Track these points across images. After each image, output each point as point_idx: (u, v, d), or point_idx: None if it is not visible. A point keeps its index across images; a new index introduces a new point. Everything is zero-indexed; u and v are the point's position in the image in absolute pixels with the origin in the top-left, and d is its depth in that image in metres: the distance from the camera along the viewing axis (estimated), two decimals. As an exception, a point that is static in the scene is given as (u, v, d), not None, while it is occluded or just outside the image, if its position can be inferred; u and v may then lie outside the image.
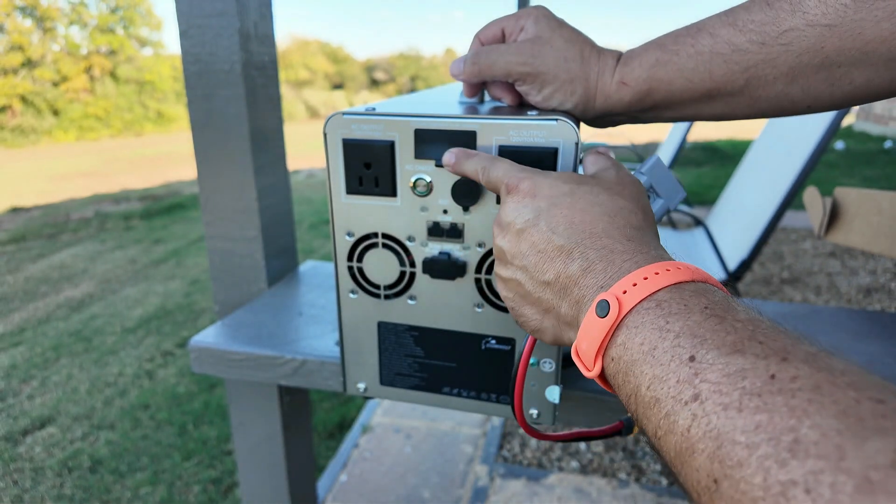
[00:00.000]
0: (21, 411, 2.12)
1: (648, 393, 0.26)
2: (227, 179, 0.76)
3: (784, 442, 0.20)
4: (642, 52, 0.46)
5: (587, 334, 0.31)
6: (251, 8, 0.72)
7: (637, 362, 0.28)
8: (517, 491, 1.58)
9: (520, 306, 0.39)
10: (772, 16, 0.41)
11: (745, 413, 0.21)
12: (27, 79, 14.24)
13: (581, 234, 0.34)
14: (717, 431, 0.22)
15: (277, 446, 0.79)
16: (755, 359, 0.23)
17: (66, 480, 1.74)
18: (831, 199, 0.75)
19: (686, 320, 0.27)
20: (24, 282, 3.49)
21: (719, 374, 0.23)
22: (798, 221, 3.81)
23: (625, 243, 0.33)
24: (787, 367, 0.22)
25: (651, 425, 0.26)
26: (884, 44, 0.38)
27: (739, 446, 0.21)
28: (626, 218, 0.35)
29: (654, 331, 0.27)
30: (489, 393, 0.53)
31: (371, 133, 0.47)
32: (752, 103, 0.45)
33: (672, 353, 0.26)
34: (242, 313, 0.74)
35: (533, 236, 0.36)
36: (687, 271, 0.30)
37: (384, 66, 27.20)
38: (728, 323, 0.26)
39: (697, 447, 0.23)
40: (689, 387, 0.24)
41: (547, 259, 0.35)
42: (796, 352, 0.23)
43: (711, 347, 0.25)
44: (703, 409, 0.23)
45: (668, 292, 0.29)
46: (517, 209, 0.38)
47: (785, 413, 0.20)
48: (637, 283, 0.29)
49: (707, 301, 0.28)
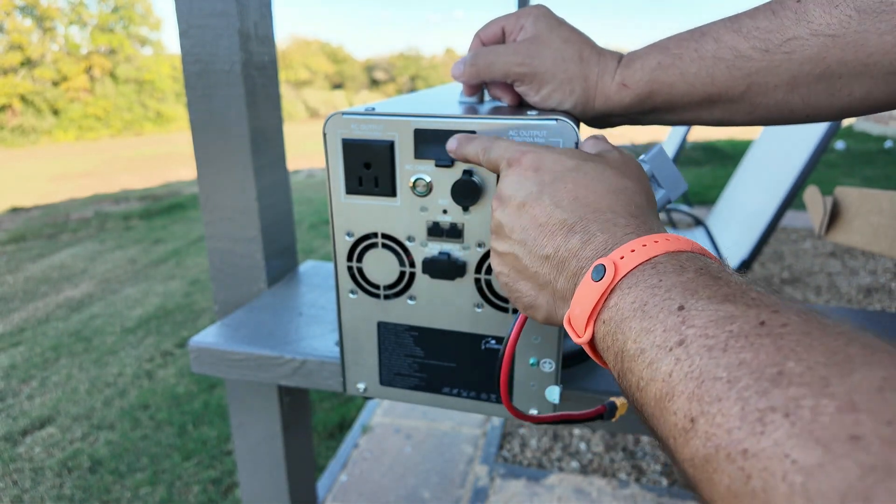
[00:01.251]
0: (21, 411, 2.12)
1: (634, 346, 0.26)
2: (226, 179, 0.76)
3: (767, 374, 0.19)
4: (644, 55, 0.46)
5: (581, 299, 0.31)
6: (251, 8, 0.72)
7: (626, 319, 0.27)
8: (517, 491, 1.58)
9: (514, 281, 0.38)
10: (776, 24, 0.41)
11: (730, 352, 0.21)
12: (27, 78, 14.24)
13: (585, 209, 0.34)
14: (698, 371, 0.21)
15: (277, 446, 0.79)
16: (745, 308, 0.23)
17: (66, 481, 1.74)
18: (832, 198, 0.75)
19: (679, 277, 0.27)
20: (24, 282, 3.49)
21: (706, 320, 0.23)
22: (798, 221, 3.81)
23: (627, 218, 0.33)
24: (778, 317, 0.22)
25: (634, 378, 0.26)
26: (886, 56, 0.39)
27: (720, 381, 0.20)
28: (631, 197, 0.35)
29: (647, 289, 0.27)
30: (489, 393, 0.53)
31: (371, 133, 0.47)
32: (751, 110, 0.45)
33: (661, 306, 0.25)
34: (242, 313, 0.74)
35: (534, 210, 0.35)
36: (686, 243, 0.30)
37: (384, 66, 27.21)
38: (723, 281, 0.26)
39: (677, 389, 0.22)
40: (675, 333, 0.24)
41: (547, 233, 0.35)
42: (789, 307, 0.23)
43: (702, 297, 0.24)
44: (686, 352, 0.22)
45: (664, 257, 0.29)
46: (519, 182, 0.37)
47: (772, 351, 0.20)
48: (635, 250, 0.29)
49: (702, 264, 0.28)
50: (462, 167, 0.46)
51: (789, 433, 0.17)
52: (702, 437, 0.20)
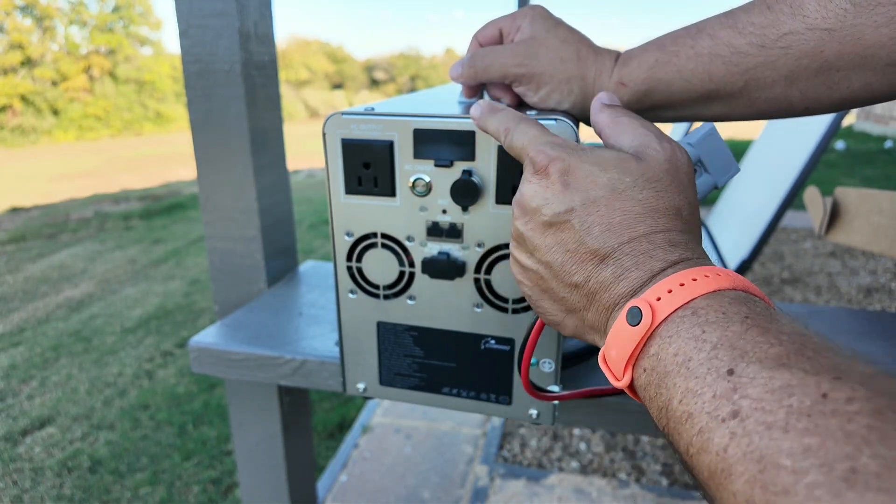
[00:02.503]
0: (20, 411, 2.12)
1: (681, 407, 0.24)
2: (226, 179, 0.76)
3: (838, 470, 0.17)
4: (641, 53, 0.46)
5: (617, 342, 0.29)
6: (251, 8, 0.72)
7: (670, 374, 0.25)
8: (517, 491, 1.58)
9: (539, 299, 0.36)
10: (772, 19, 0.41)
11: (793, 434, 0.19)
12: (27, 78, 14.24)
13: (619, 238, 0.31)
14: (759, 453, 0.20)
15: (277, 446, 0.79)
16: (803, 374, 0.21)
17: (66, 481, 1.74)
18: (832, 198, 0.75)
19: (724, 330, 0.24)
20: (24, 282, 3.49)
21: (762, 390, 0.21)
22: (798, 221, 3.81)
23: (666, 249, 0.30)
24: (842, 387, 0.20)
25: (683, 442, 0.24)
26: (883, 49, 0.38)
27: (785, 471, 0.19)
28: (672, 220, 0.31)
29: (690, 340, 0.25)
30: (488, 393, 0.53)
31: (370, 133, 0.47)
32: (750, 105, 0.45)
33: (709, 366, 0.24)
34: (242, 313, 0.74)
35: (562, 233, 0.32)
36: (727, 278, 0.27)
37: (384, 66, 27.21)
38: (772, 334, 0.23)
39: (735, 469, 0.20)
40: (728, 402, 0.22)
41: (576, 261, 0.32)
42: (851, 371, 0.21)
43: (753, 360, 0.22)
44: (743, 427, 0.21)
45: (705, 299, 0.26)
46: (545, 196, 0.33)
47: (840, 438, 0.18)
48: (672, 290, 0.27)
49: (748, 310, 0.25)
50: (461, 167, 0.45)
51: None
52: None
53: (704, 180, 0.40)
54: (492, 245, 0.47)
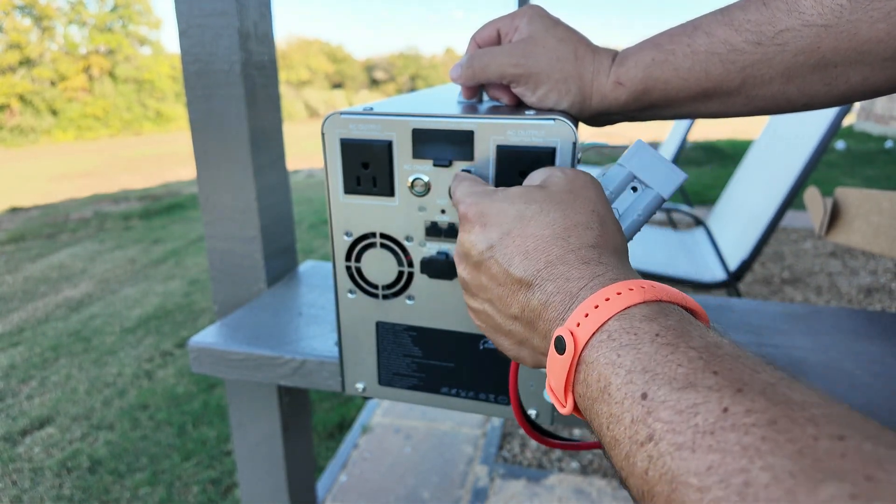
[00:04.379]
0: (20, 411, 2.12)
1: (609, 433, 0.25)
2: (226, 179, 0.76)
3: (734, 485, 0.19)
4: (638, 52, 0.46)
5: (552, 372, 0.30)
6: (251, 7, 0.72)
7: (596, 400, 0.26)
8: (517, 491, 1.58)
9: (495, 337, 0.37)
10: (768, 15, 0.41)
11: (698, 453, 0.20)
12: (26, 78, 14.23)
13: (537, 264, 0.32)
14: (671, 474, 0.21)
15: (277, 446, 0.79)
16: (708, 392, 0.22)
17: (65, 481, 1.74)
18: (832, 199, 0.75)
19: (637, 352, 0.25)
20: (23, 282, 3.48)
21: (671, 412, 0.22)
22: (799, 221, 3.81)
23: (580, 268, 0.31)
24: (742, 400, 0.21)
25: (616, 465, 0.25)
26: (880, 44, 0.38)
27: (692, 489, 0.20)
28: (581, 236, 0.33)
29: (608, 366, 0.26)
30: (487, 393, 0.53)
31: (369, 133, 0.46)
32: (748, 102, 0.45)
33: (625, 391, 0.25)
34: (242, 313, 0.74)
35: (490, 269, 0.34)
36: (639, 292, 0.28)
37: (384, 66, 27.21)
38: (681, 352, 0.24)
39: (655, 490, 0.22)
40: (644, 426, 0.23)
41: (509, 293, 0.34)
42: (753, 382, 0.22)
43: (663, 383, 0.23)
44: (657, 450, 0.22)
45: (617, 320, 0.27)
46: (470, 240, 0.36)
47: (737, 452, 0.19)
48: (588, 314, 0.28)
49: (658, 327, 0.26)
50: (460, 167, 0.45)
51: None
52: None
53: (647, 194, 0.40)
54: (491, 245, 0.47)
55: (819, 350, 0.63)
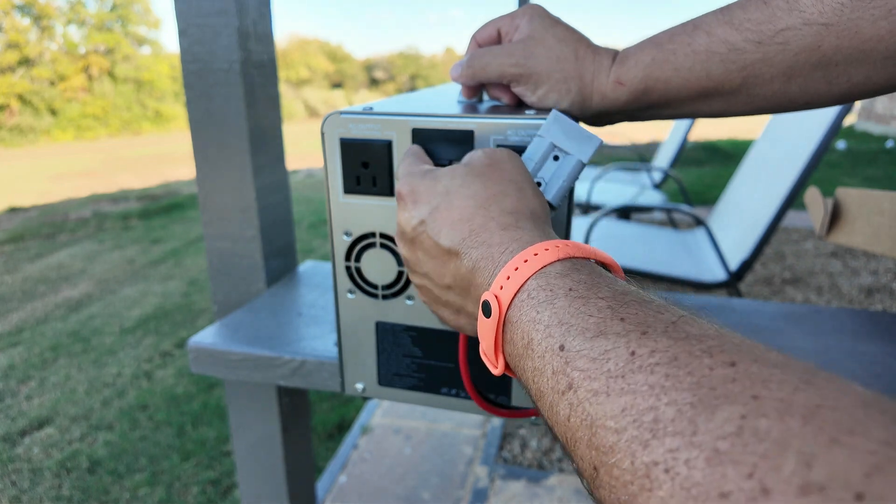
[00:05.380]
0: (19, 412, 2.12)
1: (534, 386, 0.27)
2: (225, 179, 0.76)
3: (645, 423, 0.20)
4: (638, 51, 0.45)
5: (483, 335, 0.31)
6: (250, 7, 0.71)
7: (522, 357, 0.28)
8: (517, 492, 1.58)
9: (435, 308, 0.39)
10: (768, 14, 0.41)
11: (612, 397, 0.22)
12: (25, 78, 14.23)
13: (462, 233, 0.34)
14: (590, 419, 0.22)
15: (276, 447, 0.78)
16: (616, 338, 0.23)
17: (65, 481, 1.74)
18: (832, 199, 0.74)
19: (553, 307, 0.27)
20: (22, 282, 3.48)
21: (586, 360, 0.23)
22: (799, 221, 3.81)
23: (500, 234, 0.33)
24: (647, 342, 0.22)
25: (544, 416, 0.26)
26: (881, 42, 0.38)
27: (610, 431, 0.21)
28: (500, 204, 0.35)
29: (529, 323, 0.28)
30: (487, 393, 0.52)
31: (368, 132, 0.46)
32: (749, 101, 0.45)
33: (545, 345, 0.26)
34: (241, 313, 0.74)
35: (424, 243, 0.36)
36: (553, 251, 0.30)
37: (384, 65, 27.21)
38: (591, 303, 0.26)
39: (577, 436, 0.23)
40: (564, 376, 0.24)
41: (441, 264, 0.35)
42: (657, 324, 0.23)
43: (577, 333, 0.25)
44: (577, 397, 0.23)
45: (535, 279, 0.29)
46: (404, 217, 0.38)
47: (645, 392, 0.20)
48: (510, 276, 0.29)
49: (571, 282, 0.28)
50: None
51: (672, 491, 0.18)
52: (606, 487, 0.21)
53: (568, 161, 0.41)
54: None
55: (820, 350, 0.63)
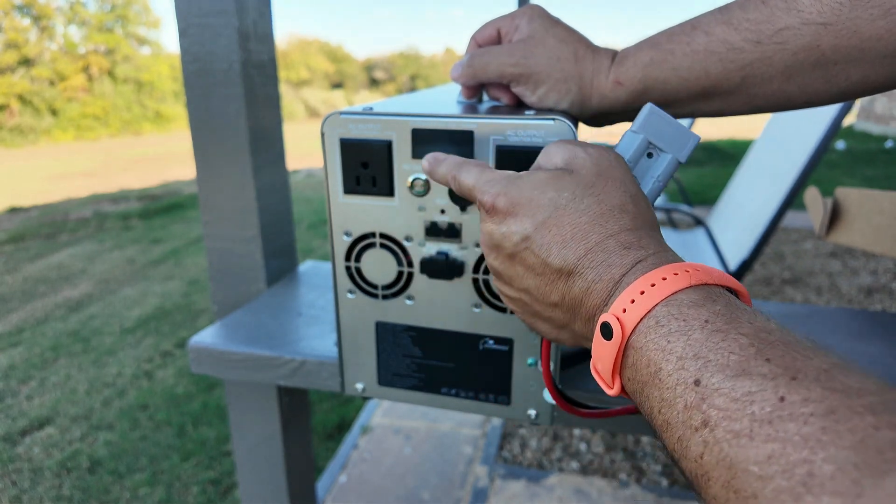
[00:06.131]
0: (20, 412, 2.12)
1: (660, 416, 0.26)
2: (226, 179, 0.76)
3: (798, 475, 0.19)
4: (637, 51, 0.46)
5: (599, 357, 0.30)
6: (250, 7, 0.72)
7: (647, 384, 0.27)
8: (517, 492, 1.58)
9: (533, 322, 0.37)
10: (767, 14, 0.41)
11: (757, 441, 0.21)
12: (25, 78, 14.23)
13: (576, 253, 0.32)
14: (729, 461, 0.21)
15: (276, 447, 0.79)
16: (762, 380, 0.22)
17: (65, 481, 1.74)
18: (832, 199, 0.74)
19: (687, 339, 0.26)
20: (23, 282, 3.48)
21: (726, 399, 0.22)
22: (799, 221, 3.81)
23: (621, 254, 0.31)
24: (798, 388, 0.21)
25: (669, 446, 0.26)
26: (880, 41, 0.38)
27: (753, 477, 0.20)
28: (618, 220, 0.33)
29: (657, 352, 0.26)
30: (487, 393, 0.52)
31: (368, 132, 0.46)
32: (749, 100, 0.45)
33: (677, 377, 0.25)
34: (241, 313, 0.74)
35: (527, 260, 0.34)
36: (684, 277, 0.28)
37: (384, 66, 27.21)
38: (731, 339, 0.25)
39: (712, 475, 0.22)
40: (698, 412, 0.23)
41: (548, 282, 0.34)
42: (807, 369, 0.22)
43: (716, 370, 0.24)
44: (713, 436, 0.22)
45: (664, 306, 0.27)
46: (501, 231, 0.35)
47: (798, 443, 0.19)
48: (635, 300, 0.28)
49: (707, 313, 0.26)
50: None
51: None
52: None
53: (664, 160, 0.39)
54: (491, 245, 0.47)
55: (820, 350, 0.63)
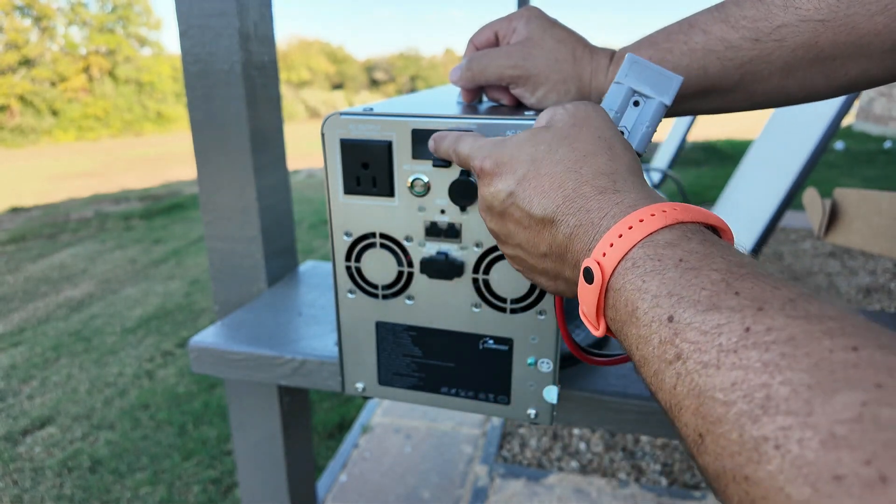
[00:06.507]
0: (21, 411, 2.12)
1: (638, 352, 0.27)
2: (226, 179, 0.76)
3: (757, 399, 0.20)
4: (635, 51, 0.46)
5: (584, 299, 0.32)
6: (251, 8, 0.72)
7: (626, 323, 0.28)
8: (517, 491, 1.58)
9: (531, 276, 0.39)
10: (764, 11, 0.41)
11: (723, 370, 0.22)
12: (26, 79, 14.23)
13: (555, 201, 0.33)
14: (698, 389, 0.23)
15: (277, 446, 0.79)
16: (731, 313, 0.23)
17: (66, 480, 1.74)
18: (831, 199, 0.75)
19: (662, 277, 0.27)
20: (24, 282, 3.49)
21: (697, 333, 0.24)
22: (798, 221, 3.82)
23: (597, 198, 0.32)
24: (763, 318, 0.22)
25: (646, 380, 0.27)
26: (878, 37, 0.38)
27: (718, 403, 0.21)
28: (592, 165, 0.34)
29: (634, 291, 0.28)
30: (487, 393, 0.53)
31: (368, 133, 0.47)
32: (748, 97, 0.45)
33: (652, 315, 0.26)
34: (242, 313, 0.74)
35: (514, 215, 0.36)
36: (660, 217, 0.29)
37: (384, 66, 27.21)
38: (703, 275, 0.26)
39: (683, 404, 0.23)
40: (671, 346, 0.25)
41: (535, 233, 0.35)
42: (773, 300, 0.23)
43: (688, 305, 0.25)
44: (685, 367, 0.24)
45: (641, 248, 0.28)
46: (490, 192, 0.37)
47: (759, 368, 0.21)
48: (613, 243, 0.29)
49: (681, 252, 0.27)
50: (459, 167, 0.46)
51: (781, 467, 0.18)
52: (711, 454, 0.22)
53: (651, 105, 0.40)
54: (490, 245, 0.48)
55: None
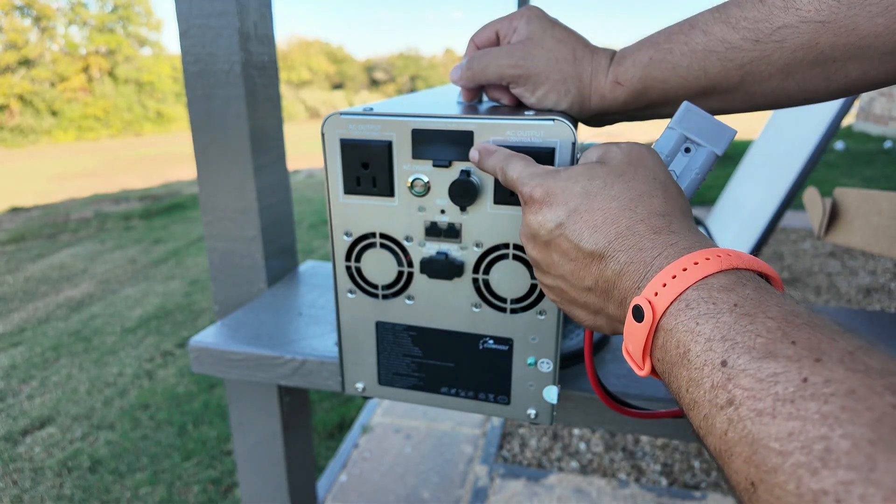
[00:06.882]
0: (21, 411, 2.12)
1: (688, 395, 0.27)
2: (226, 179, 0.76)
3: (816, 451, 0.20)
4: (635, 51, 0.46)
5: (631, 338, 0.31)
6: (251, 8, 0.72)
7: (676, 364, 0.28)
8: (517, 491, 1.58)
9: (570, 309, 0.39)
10: (764, 12, 0.41)
11: (779, 419, 0.21)
12: (26, 78, 14.23)
13: (607, 237, 0.33)
14: (752, 437, 0.22)
15: (277, 446, 0.79)
16: (787, 362, 0.23)
17: (66, 480, 1.74)
18: (831, 199, 0.75)
19: (716, 321, 0.27)
20: (24, 282, 3.49)
21: (752, 380, 0.23)
22: (798, 221, 3.82)
23: (651, 238, 0.32)
24: (821, 370, 0.22)
25: (695, 424, 0.27)
26: (878, 38, 0.38)
27: (773, 453, 0.21)
28: (648, 205, 0.34)
29: (687, 333, 0.27)
30: (487, 393, 0.53)
31: (368, 133, 0.47)
32: (748, 98, 0.45)
33: (705, 358, 0.26)
34: (242, 313, 0.74)
35: (561, 246, 0.36)
36: (715, 262, 0.29)
37: (384, 66, 27.21)
38: (759, 322, 0.25)
39: (735, 451, 0.23)
40: (724, 391, 0.24)
41: (581, 267, 0.35)
42: (831, 351, 0.23)
43: (742, 352, 0.25)
44: (737, 414, 0.23)
45: (695, 290, 0.28)
46: (537, 220, 0.37)
47: (817, 420, 0.20)
48: (666, 283, 0.29)
49: (736, 297, 0.27)
50: (460, 167, 0.46)
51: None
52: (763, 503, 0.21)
53: (701, 153, 0.40)
54: (490, 245, 0.47)
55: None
